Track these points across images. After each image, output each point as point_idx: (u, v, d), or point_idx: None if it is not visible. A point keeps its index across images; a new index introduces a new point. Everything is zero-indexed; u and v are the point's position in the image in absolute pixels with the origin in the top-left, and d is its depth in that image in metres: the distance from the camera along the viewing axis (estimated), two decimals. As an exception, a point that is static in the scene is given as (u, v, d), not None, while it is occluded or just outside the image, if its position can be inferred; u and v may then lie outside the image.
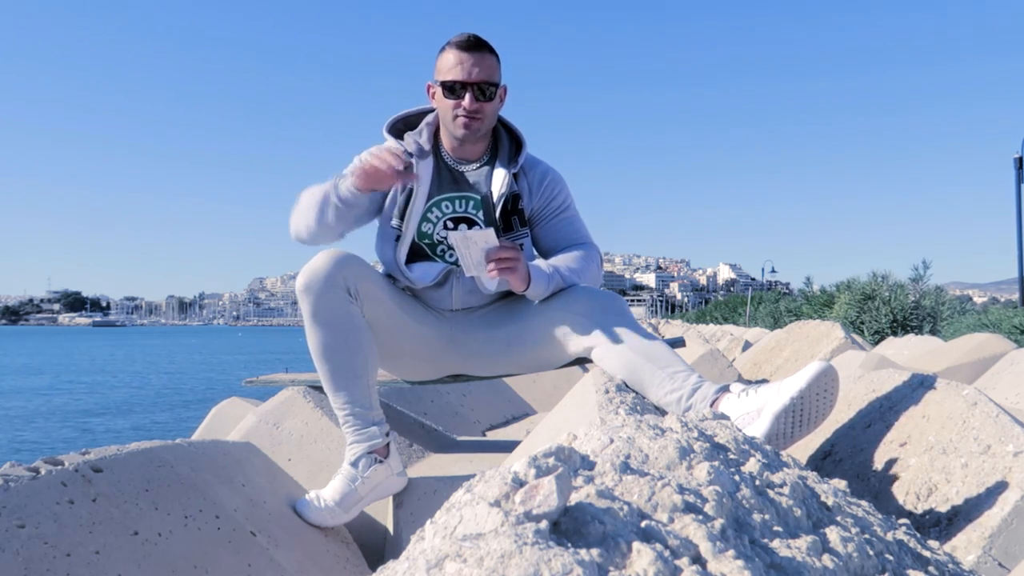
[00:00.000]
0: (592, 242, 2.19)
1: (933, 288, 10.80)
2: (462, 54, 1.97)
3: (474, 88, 1.97)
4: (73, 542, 1.23)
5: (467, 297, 2.10)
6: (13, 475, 1.27)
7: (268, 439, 2.35)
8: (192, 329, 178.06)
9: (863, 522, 0.83)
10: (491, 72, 2.00)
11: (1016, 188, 11.16)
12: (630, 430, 0.82)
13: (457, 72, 1.97)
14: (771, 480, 0.80)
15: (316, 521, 1.86)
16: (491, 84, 1.99)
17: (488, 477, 0.66)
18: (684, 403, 1.79)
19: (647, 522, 0.62)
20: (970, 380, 3.66)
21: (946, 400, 1.58)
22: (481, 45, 1.99)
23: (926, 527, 1.35)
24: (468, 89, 1.97)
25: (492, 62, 2.01)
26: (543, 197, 2.13)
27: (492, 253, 1.85)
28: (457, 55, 1.98)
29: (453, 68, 1.98)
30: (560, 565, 0.51)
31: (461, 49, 1.98)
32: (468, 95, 1.97)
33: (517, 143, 2.12)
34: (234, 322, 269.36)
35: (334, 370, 1.90)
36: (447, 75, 1.98)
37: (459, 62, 1.97)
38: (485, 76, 1.98)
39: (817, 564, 0.66)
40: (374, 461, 1.91)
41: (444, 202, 2.08)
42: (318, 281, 1.86)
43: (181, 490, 1.54)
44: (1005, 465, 1.33)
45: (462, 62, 1.97)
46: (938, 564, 0.85)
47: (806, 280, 15.86)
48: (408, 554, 0.63)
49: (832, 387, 1.64)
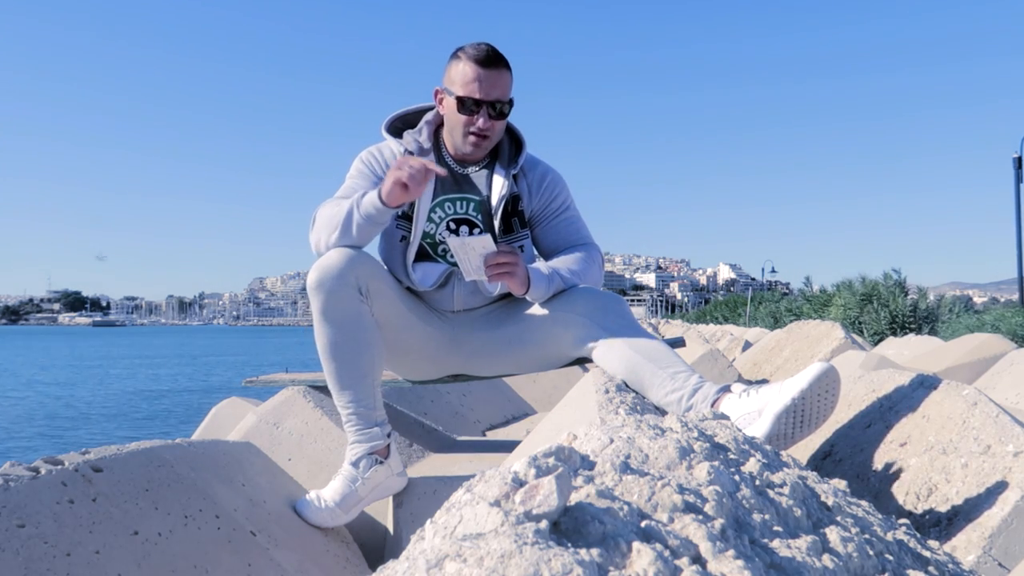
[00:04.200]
0: (593, 242, 2.18)
1: (916, 289, 10.86)
2: (480, 70, 1.92)
3: (489, 107, 1.94)
4: (73, 542, 1.23)
5: (469, 298, 2.10)
6: (13, 475, 1.27)
7: (268, 439, 2.35)
8: (192, 329, 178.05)
9: (863, 522, 0.83)
10: (506, 90, 1.97)
11: (1016, 188, 11.17)
12: (630, 430, 0.82)
13: (474, 89, 1.92)
14: (771, 480, 0.80)
15: (316, 521, 1.86)
16: (507, 103, 1.97)
17: (488, 477, 0.66)
18: (685, 403, 1.79)
19: (647, 522, 0.62)
20: (970, 380, 3.66)
21: (946, 400, 1.58)
22: (499, 60, 1.95)
23: (926, 527, 1.35)
24: (483, 108, 1.94)
25: (508, 79, 1.97)
26: (543, 198, 2.13)
27: (491, 258, 1.84)
28: (475, 71, 1.92)
29: (470, 84, 1.92)
30: (560, 565, 0.51)
31: (480, 65, 1.92)
32: (483, 113, 1.94)
33: (517, 144, 2.12)
34: (234, 322, 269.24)
35: (340, 368, 1.89)
36: (462, 90, 1.93)
37: (476, 78, 1.92)
38: (500, 95, 1.95)
39: (817, 564, 0.66)
40: (375, 462, 1.91)
41: (446, 203, 2.08)
42: (330, 279, 1.85)
43: (181, 490, 1.54)
44: (1005, 465, 1.33)
45: (480, 79, 1.92)
46: (938, 564, 0.85)
47: (806, 280, 15.87)
48: (408, 554, 0.63)
49: (833, 388, 1.64)
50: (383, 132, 2.09)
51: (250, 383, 2.50)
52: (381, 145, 2.11)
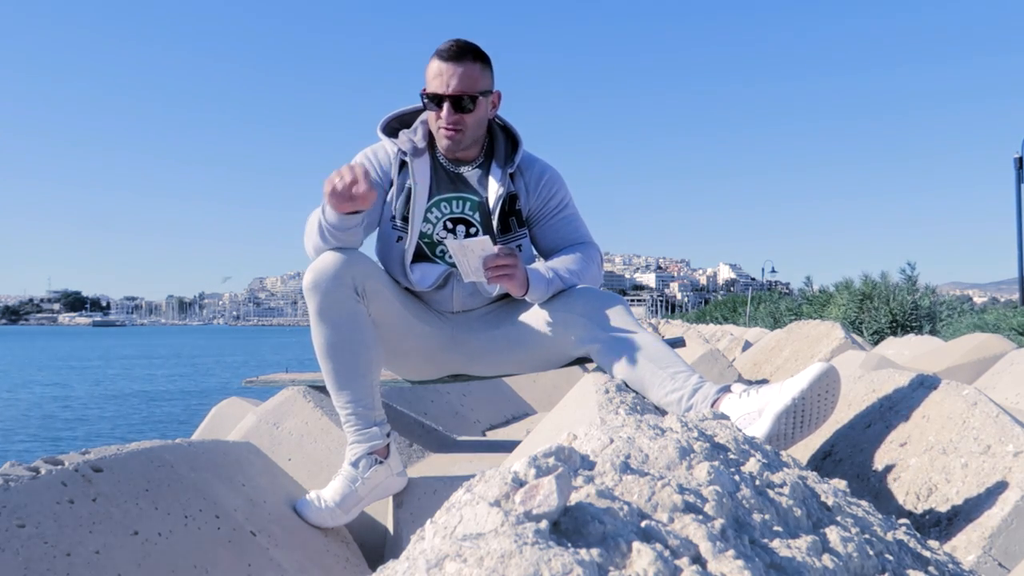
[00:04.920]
0: (592, 241, 2.18)
1: (924, 287, 10.80)
2: (442, 64, 1.95)
3: (451, 100, 1.96)
4: (73, 542, 1.23)
5: (468, 299, 2.10)
6: (13, 475, 1.27)
7: (268, 439, 2.35)
8: (192, 329, 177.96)
9: (863, 522, 0.83)
10: (471, 83, 1.96)
11: (1016, 188, 11.16)
12: (630, 430, 0.82)
13: (436, 84, 1.96)
14: (771, 480, 0.80)
15: (316, 521, 1.86)
16: (470, 96, 1.96)
17: (488, 477, 0.66)
18: (685, 403, 1.78)
19: (647, 522, 0.62)
20: (970, 380, 3.66)
21: (946, 400, 1.58)
22: (463, 54, 1.96)
23: (926, 527, 1.35)
24: (445, 101, 1.96)
25: (474, 71, 1.97)
26: (541, 197, 2.12)
27: (489, 260, 1.84)
28: (438, 65, 1.96)
29: (434, 79, 1.97)
30: (560, 565, 0.51)
31: (442, 59, 1.96)
32: (446, 107, 1.96)
33: (513, 142, 2.11)
34: (234, 322, 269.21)
35: (338, 369, 1.89)
36: (428, 86, 1.98)
37: (438, 73, 1.96)
38: (463, 87, 1.95)
39: (817, 564, 0.66)
40: (374, 462, 1.91)
41: (442, 203, 2.08)
42: (326, 279, 1.85)
43: (181, 490, 1.54)
44: (1005, 465, 1.33)
45: (441, 73, 1.95)
46: (938, 564, 0.85)
47: (806, 280, 15.85)
48: (408, 554, 0.63)
49: (834, 388, 1.64)
50: (379, 132, 2.10)
51: (250, 383, 2.50)
52: (376, 146, 2.11)
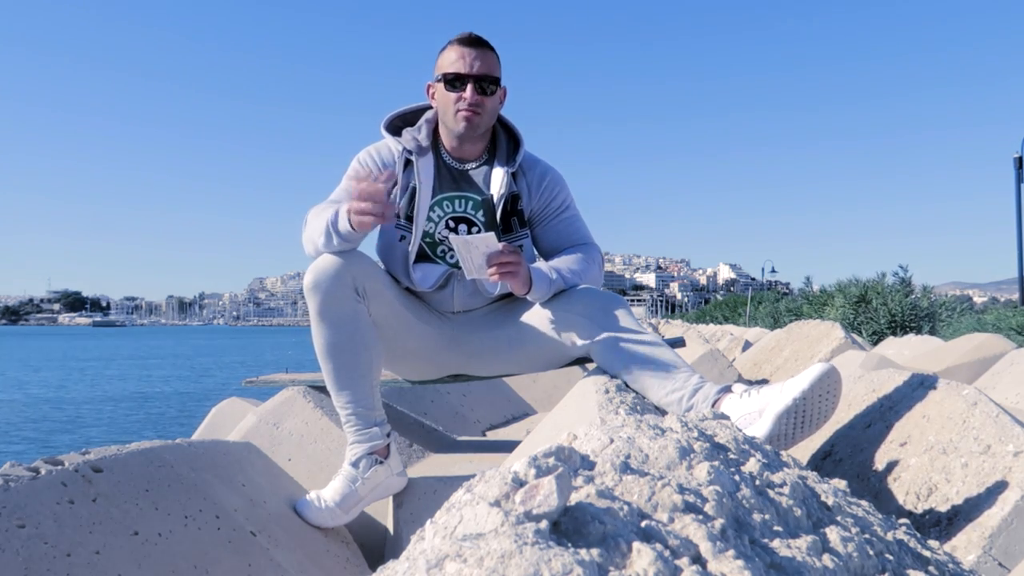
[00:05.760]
0: (593, 242, 2.18)
1: (922, 288, 10.78)
2: (463, 48, 2.00)
3: (475, 81, 1.99)
4: (73, 542, 1.23)
5: (468, 299, 2.10)
6: (13, 475, 1.26)
7: (268, 439, 2.35)
8: (192, 329, 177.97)
9: (863, 522, 0.83)
10: (492, 67, 2.02)
11: (1016, 188, 11.16)
12: (630, 430, 0.82)
13: (459, 65, 1.99)
14: (771, 480, 0.80)
15: (316, 521, 1.86)
16: (492, 79, 2.01)
17: (488, 477, 0.66)
18: (685, 403, 1.78)
19: (647, 522, 0.62)
20: (970, 380, 3.66)
21: (946, 400, 1.58)
22: (483, 42, 2.02)
23: (926, 527, 1.35)
24: (470, 81, 1.98)
25: (493, 59, 2.03)
26: (543, 197, 2.13)
27: (493, 257, 1.84)
28: (459, 50, 2.00)
29: (455, 62, 1.99)
30: (560, 565, 0.51)
31: (463, 44, 2.00)
32: (470, 87, 1.98)
33: (515, 141, 2.12)
34: (234, 322, 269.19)
35: (338, 369, 1.89)
36: (448, 68, 2.00)
37: (461, 56, 1.99)
38: (486, 70, 2.00)
39: (817, 564, 0.66)
40: (375, 462, 1.91)
41: (445, 201, 2.08)
42: (326, 279, 1.85)
43: (181, 490, 1.54)
44: (1005, 465, 1.33)
45: (464, 56, 1.99)
46: (938, 564, 0.85)
47: (806, 280, 15.85)
48: (408, 554, 0.63)
49: (835, 389, 1.64)
50: (382, 131, 2.10)
51: (250, 383, 2.50)
52: (379, 144, 2.11)
